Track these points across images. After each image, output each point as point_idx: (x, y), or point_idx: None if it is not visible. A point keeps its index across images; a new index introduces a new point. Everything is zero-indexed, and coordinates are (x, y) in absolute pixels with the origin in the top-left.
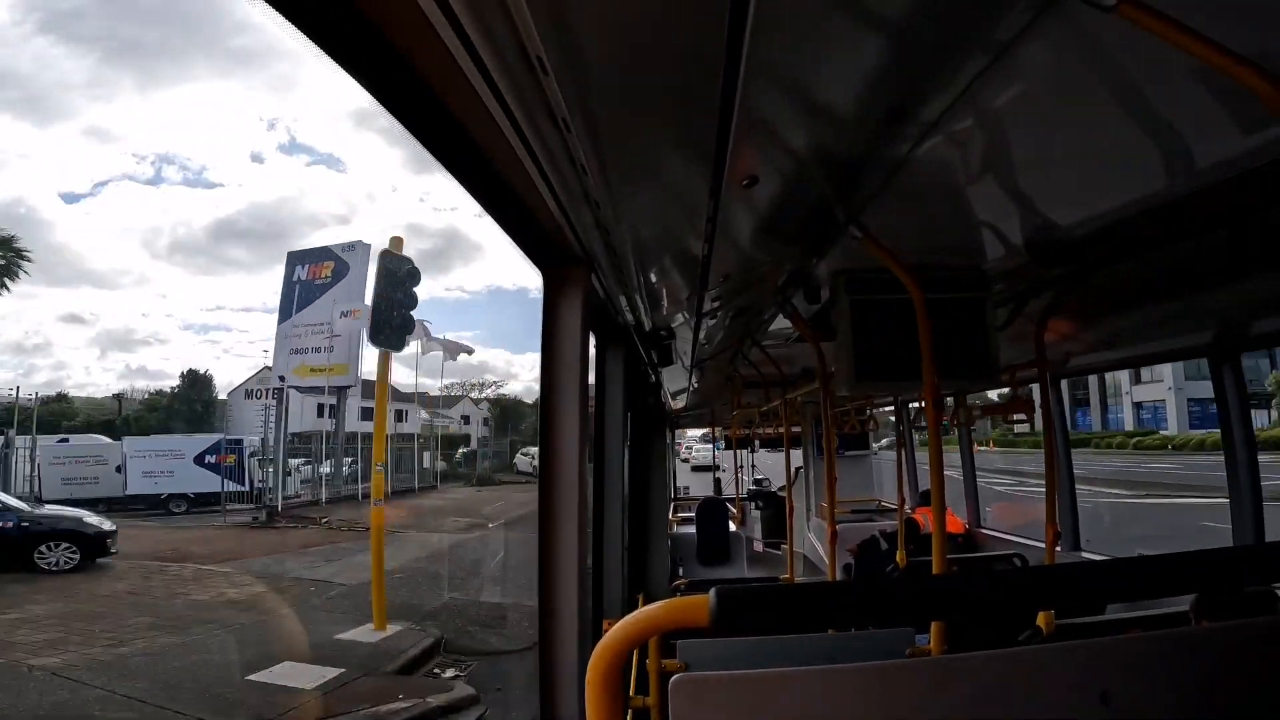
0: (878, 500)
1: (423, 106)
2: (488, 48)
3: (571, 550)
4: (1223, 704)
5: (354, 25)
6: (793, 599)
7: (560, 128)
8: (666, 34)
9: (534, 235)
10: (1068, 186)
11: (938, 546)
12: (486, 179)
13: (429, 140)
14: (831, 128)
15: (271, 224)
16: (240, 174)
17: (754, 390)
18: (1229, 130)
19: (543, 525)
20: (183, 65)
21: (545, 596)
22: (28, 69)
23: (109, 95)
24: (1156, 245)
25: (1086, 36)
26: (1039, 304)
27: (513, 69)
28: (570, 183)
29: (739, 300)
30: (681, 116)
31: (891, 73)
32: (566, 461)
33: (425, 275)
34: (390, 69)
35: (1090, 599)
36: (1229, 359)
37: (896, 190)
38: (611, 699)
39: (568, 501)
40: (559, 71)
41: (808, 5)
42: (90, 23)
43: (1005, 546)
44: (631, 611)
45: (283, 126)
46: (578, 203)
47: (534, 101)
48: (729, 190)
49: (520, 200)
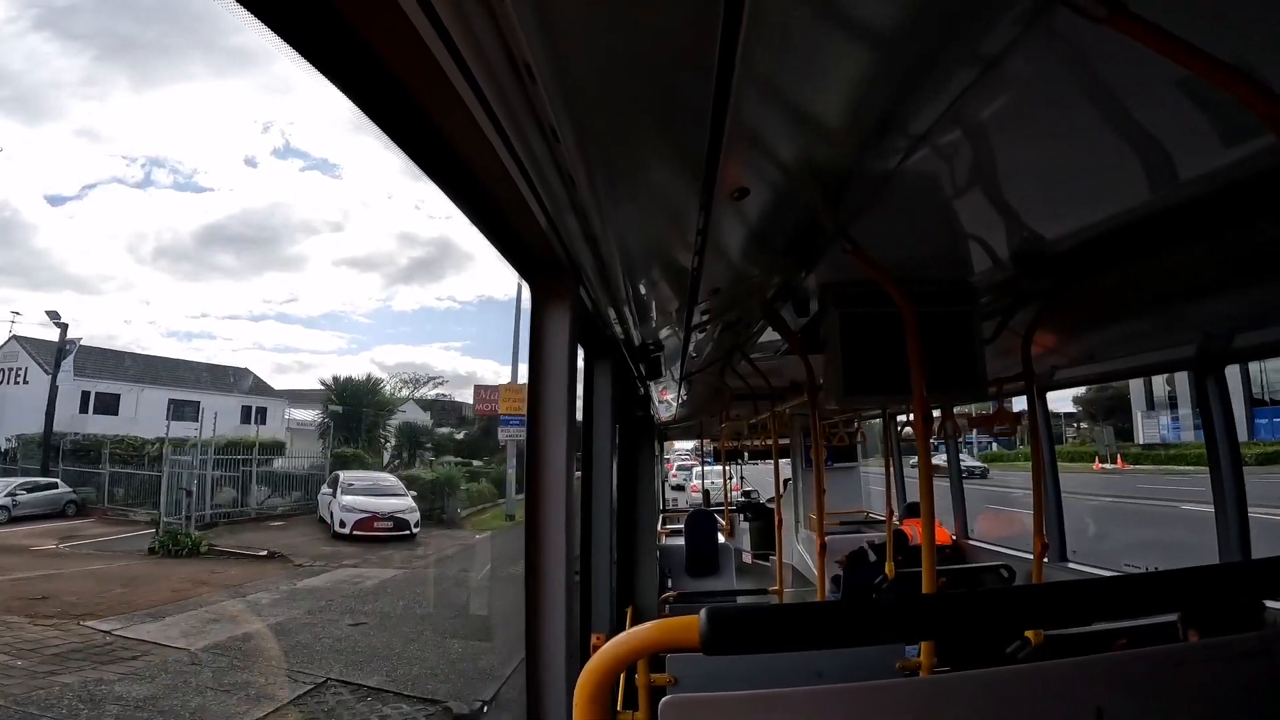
0: (866, 512)
1: (407, 114)
2: (474, 54)
3: (559, 564)
4: (1214, 718)
5: (337, 31)
6: (783, 620)
7: (548, 136)
8: (659, 42)
9: (520, 245)
10: (1054, 199)
11: (927, 560)
12: (471, 187)
13: (412, 148)
14: (822, 140)
15: (263, 229)
16: (232, 178)
17: (743, 403)
18: (1214, 143)
19: (530, 538)
20: (179, 64)
21: (533, 611)
22: (20, 66)
23: (103, 94)
24: (1141, 257)
25: (1073, 50)
26: (1025, 317)
27: (499, 76)
28: (557, 192)
29: (728, 314)
30: (672, 127)
31: (881, 85)
32: (554, 472)
33: (416, 284)
34: (374, 77)
35: (1082, 617)
36: (1213, 372)
37: (885, 203)
38: (601, 718)
39: (555, 513)
40: (547, 79)
41: (801, 16)
42: (87, 18)
43: (992, 557)
44: (620, 625)
45: (277, 130)
46: (564, 213)
47: (521, 109)
48: (719, 202)
49: (506, 210)
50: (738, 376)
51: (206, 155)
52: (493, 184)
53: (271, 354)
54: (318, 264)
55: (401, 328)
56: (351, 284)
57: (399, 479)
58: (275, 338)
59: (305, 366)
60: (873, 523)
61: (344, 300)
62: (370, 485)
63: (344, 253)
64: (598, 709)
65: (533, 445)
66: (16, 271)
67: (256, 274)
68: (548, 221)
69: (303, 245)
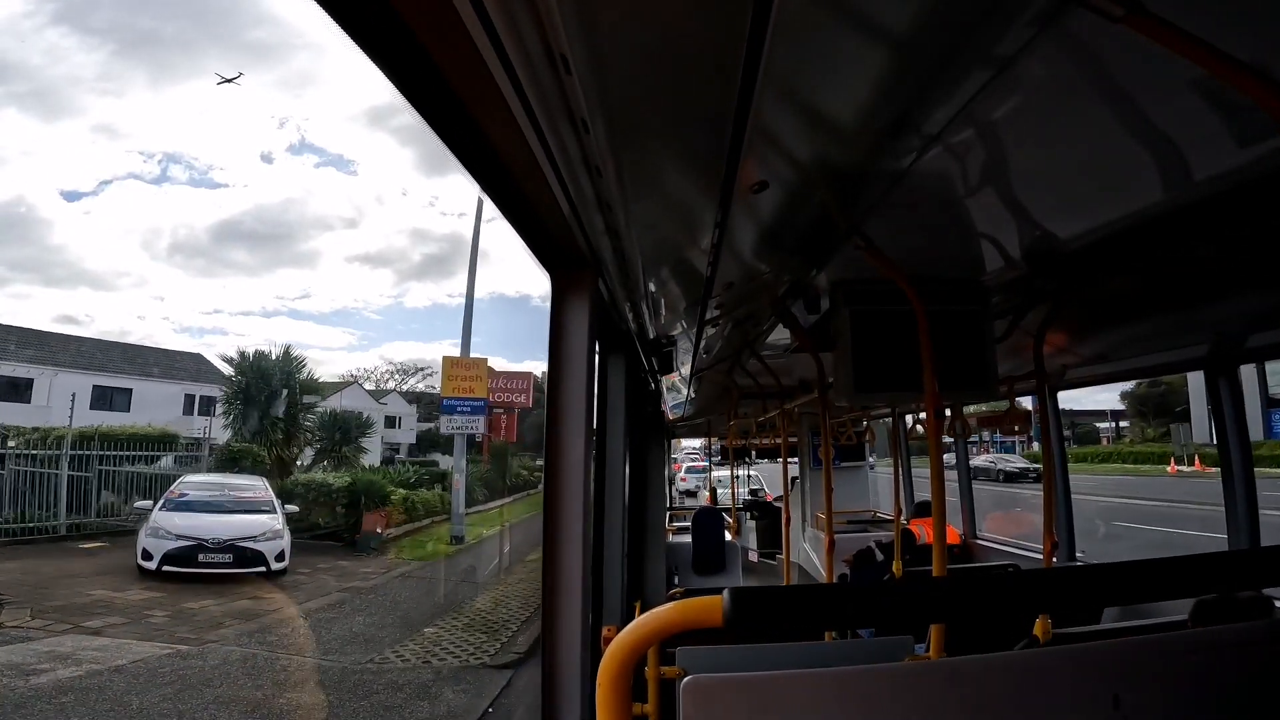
0: (873, 511)
1: (443, 102)
2: (514, 43)
3: (576, 557)
4: (1225, 705)
5: (382, 16)
6: (803, 600)
7: (578, 128)
8: (688, 38)
9: (544, 236)
10: (1066, 199)
11: (938, 555)
12: (500, 176)
13: (447, 135)
14: (838, 139)
15: (277, 225)
16: (247, 173)
17: (751, 400)
18: (1226, 143)
19: (547, 531)
20: (197, 59)
21: (549, 604)
22: (38, 61)
23: (120, 90)
24: (1153, 257)
25: (1086, 51)
26: (1037, 316)
27: (536, 65)
28: (583, 185)
29: (740, 309)
30: (696, 123)
31: (897, 86)
32: (572, 465)
33: (430, 281)
34: (414, 62)
35: (1087, 602)
36: (1225, 371)
37: (898, 202)
38: (623, 700)
39: (573, 507)
40: (582, 71)
41: (823, 20)
42: (105, 13)
43: (1000, 557)
44: (629, 618)
45: (293, 125)
46: (589, 206)
47: (554, 100)
48: (738, 197)
49: (532, 200)
50: (746, 374)
51: (222, 151)
52: (521, 174)
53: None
54: (331, 260)
55: (413, 324)
56: (364, 280)
57: (272, 485)
58: (287, 334)
59: (316, 363)
60: (880, 522)
61: (356, 296)
62: (213, 497)
63: (357, 249)
64: (621, 690)
65: (551, 436)
66: (32, 268)
67: (269, 270)
68: (572, 213)
69: (316, 241)
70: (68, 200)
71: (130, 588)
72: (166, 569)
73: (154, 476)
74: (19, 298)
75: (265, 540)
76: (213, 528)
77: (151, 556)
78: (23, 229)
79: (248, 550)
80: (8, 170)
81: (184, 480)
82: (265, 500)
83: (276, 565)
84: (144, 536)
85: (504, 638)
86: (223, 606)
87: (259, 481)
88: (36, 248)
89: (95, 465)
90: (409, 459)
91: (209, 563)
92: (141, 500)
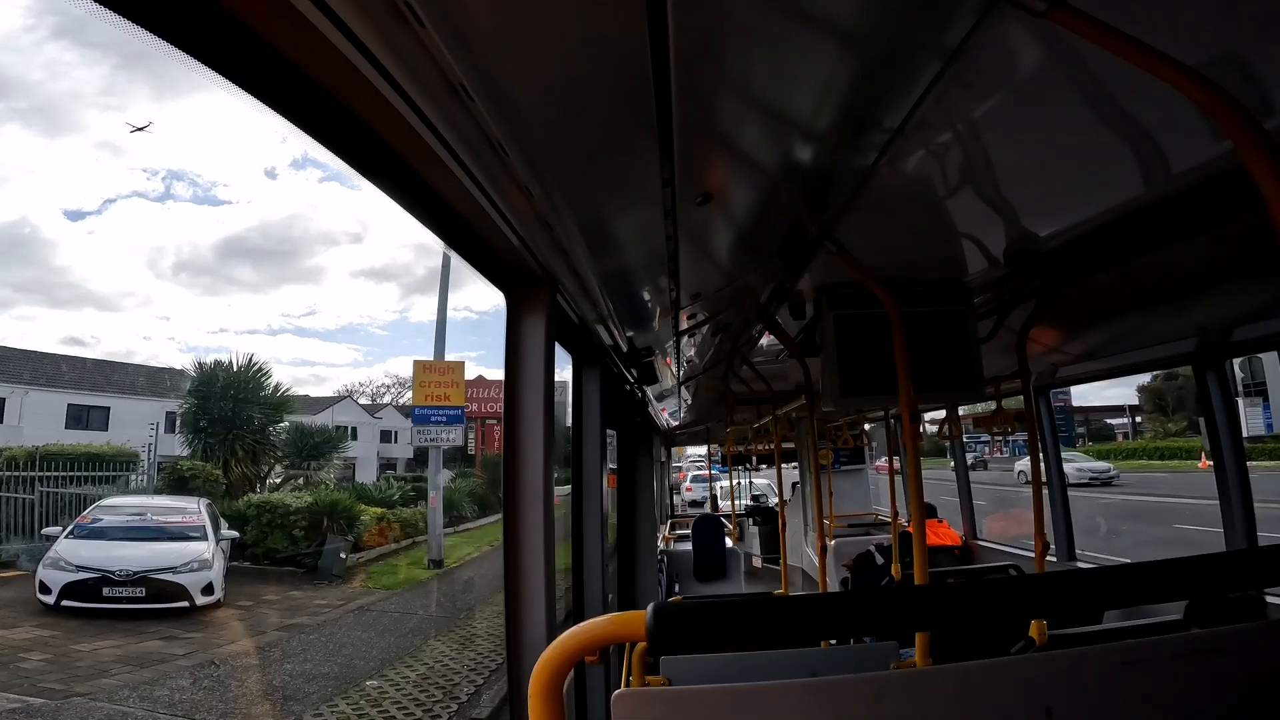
0: (875, 514)
1: (360, 142)
2: (409, 78)
3: (537, 567)
4: (1214, 709)
5: (274, 67)
6: (732, 615)
7: (497, 151)
8: (587, 56)
9: (491, 257)
10: (1041, 194)
11: (919, 559)
12: (434, 203)
13: (371, 173)
14: (791, 140)
15: (282, 241)
16: (251, 190)
17: (747, 406)
18: (1200, 133)
19: (508, 543)
20: (199, 73)
21: (511, 614)
22: (39, 76)
23: (123, 105)
24: (1136, 252)
25: (1032, 40)
26: (1021, 315)
27: (438, 97)
28: (518, 205)
29: (721, 317)
30: (621, 136)
31: (847, 80)
32: (530, 477)
33: (434, 294)
34: (315, 105)
35: (1073, 607)
36: (1213, 366)
37: (868, 203)
38: (553, 712)
39: (532, 517)
40: (483, 98)
41: (730, 19)
42: (105, 27)
43: (1001, 558)
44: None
45: (295, 140)
46: (531, 224)
47: (466, 127)
48: (684, 208)
49: (472, 224)
50: (740, 381)
51: (226, 167)
52: (454, 200)
53: (289, 368)
54: (335, 276)
55: (417, 338)
56: (368, 295)
57: (222, 507)
58: (292, 351)
59: (321, 379)
60: (882, 525)
61: (360, 312)
62: (132, 523)
63: (361, 264)
64: (550, 703)
65: (510, 451)
66: (36, 289)
67: (275, 287)
68: (514, 233)
69: (320, 257)
70: (71, 220)
71: (22, 625)
72: (66, 604)
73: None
74: (24, 320)
75: (189, 571)
76: (123, 558)
77: (50, 590)
78: (27, 250)
79: (166, 583)
80: (11, 189)
81: (101, 504)
82: (195, 525)
83: (204, 599)
84: (42, 568)
85: (465, 693)
86: (123, 649)
87: (193, 504)
88: (41, 269)
89: (36, 487)
90: (406, 474)
91: (116, 597)
92: (51, 527)
